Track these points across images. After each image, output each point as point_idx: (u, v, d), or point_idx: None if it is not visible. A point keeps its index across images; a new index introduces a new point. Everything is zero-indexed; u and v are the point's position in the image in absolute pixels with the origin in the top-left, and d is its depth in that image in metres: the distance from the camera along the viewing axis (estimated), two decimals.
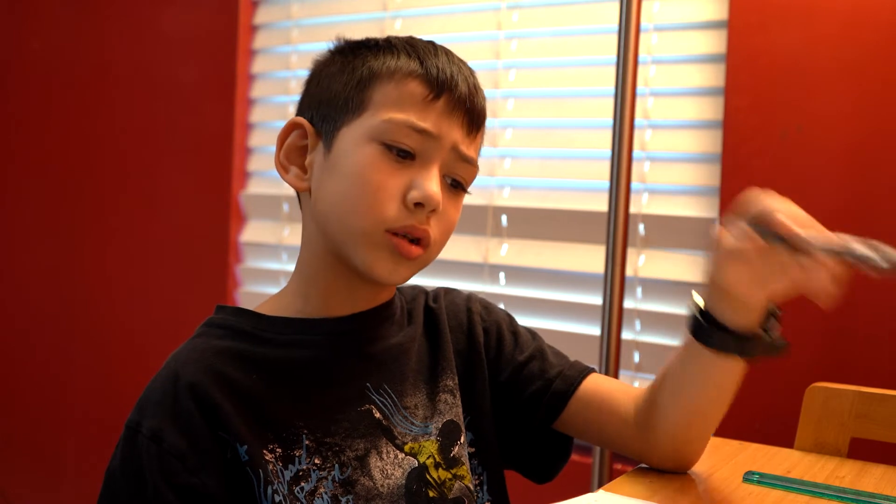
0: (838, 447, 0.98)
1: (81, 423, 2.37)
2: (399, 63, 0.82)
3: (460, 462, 0.85)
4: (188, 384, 0.75)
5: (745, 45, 1.46)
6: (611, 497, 0.79)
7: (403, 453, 0.82)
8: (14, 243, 2.53)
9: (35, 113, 2.48)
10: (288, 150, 0.85)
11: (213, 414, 0.75)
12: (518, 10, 1.76)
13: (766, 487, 0.84)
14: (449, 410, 0.87)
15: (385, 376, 0.84)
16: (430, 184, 0.79)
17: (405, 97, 0.80)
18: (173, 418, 0.74)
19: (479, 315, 0.95)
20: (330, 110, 0.83)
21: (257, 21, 2.11)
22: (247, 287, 2.11)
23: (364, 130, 0.80)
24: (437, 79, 0.81)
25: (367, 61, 0.83)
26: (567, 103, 1.71)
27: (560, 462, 0.95)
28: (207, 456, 0.74)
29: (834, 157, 1.39)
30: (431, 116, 0.80)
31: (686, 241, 1.56)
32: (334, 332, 0.83)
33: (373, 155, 0.79)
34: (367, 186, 0.78)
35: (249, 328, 0.82)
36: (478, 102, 0.84)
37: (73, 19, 2.40)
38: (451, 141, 0.81)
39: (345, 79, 0.83)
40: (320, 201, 0.82)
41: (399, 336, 0.88)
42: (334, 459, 0.78)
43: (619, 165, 1.35)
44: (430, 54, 0.83)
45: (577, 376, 0.91)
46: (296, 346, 0.82)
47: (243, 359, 0.79)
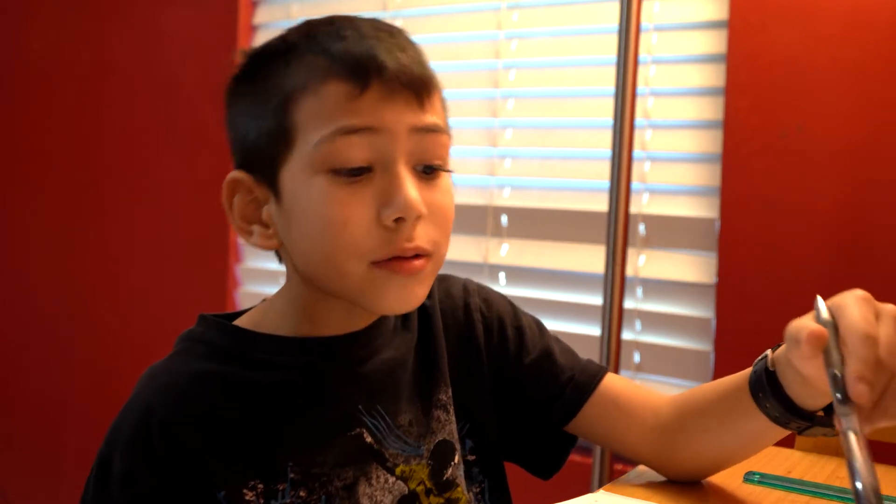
0: (839, 447, 0.98)
1: (81, 423, 2.36)
2: (307, 67, 0.70)
3: (454, 484, 0.80)
4: (162, 421, 0.69)
5: (745, 45, 1.46)
6: (611, 497, 0.79)
7: (394, 477, 0.76)
8: (14, 243, 2.53)
9: (35, 113, 2.48)
10: (240, 210, 0.74)
11: (187, 457, 0.69)
12: (518, 10, 1.76)
13: (767, 487, 0.84)
14: (442, 429, 0.80)
15: (378, 396, 0.77)
16: (402, 192, 0.68)
17: (328, 104, 0.68)
18: (146, 460, 0.69)
19: (479, 311, 0.87)
20: (259, 154, 0.72)
21: (257, 21, 2.11)
22: (247, 287, 2.10)
23: (303, 164, 0.69)
24: (356, 66, 0.68)
25: (273, 81, 0.71)
26: (567, 103, 1.71)
27: (564, 457, 0.90)
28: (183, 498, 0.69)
29: (834, 157, 1.39)
30: (366, 110, 0.68)
31: (686, 241, 1.56)
32: (327, 354, 0.76)
33: (324, 189, 0.68)
34: (332, 226, 0.68)
35: (233, 347, 0.75)
36: (414, 68, 0.70)
37: (73, 19, 2.39)
38: (402, 125, 0.69)
39: (259, 112, 0.72)
40: (295, 255, 0.73)
41: (394, 347, 0.80)
42: (321, 491, 0.72)
43: (619, 165, 1.35)
44: (335, 40, 0.70)
45: (589, 382, 0.85)
46: (283, 368, 0.74)
47: (224, 384, 0.73)
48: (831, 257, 1.39)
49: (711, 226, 1.53)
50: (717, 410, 0.79)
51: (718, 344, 1.49)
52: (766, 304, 1.43)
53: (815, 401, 0.71)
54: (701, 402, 0.81)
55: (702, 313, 1.54)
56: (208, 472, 0.69)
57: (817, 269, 1.40)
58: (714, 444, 0.80)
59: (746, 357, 0.80)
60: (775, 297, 1.42)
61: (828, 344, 0.62)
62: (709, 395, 0.81)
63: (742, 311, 1.46)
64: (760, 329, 1.42)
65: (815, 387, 0.67)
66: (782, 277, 1.43)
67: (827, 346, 0.62)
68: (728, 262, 1.48)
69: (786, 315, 0.82)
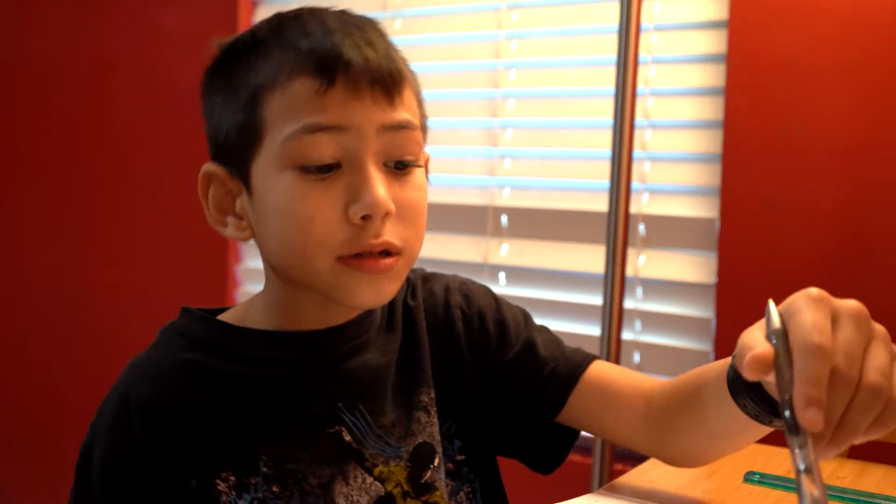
0: None
1: (81, 423, 2.35)
2: (274, 63, 0.69)
3: (433, 487, 0.78)
4: (140, 406, 0.70)
5: (745, 45, 1.46)
6: (611, 497, 0.79)
7: (372, 477, 0.75)
8: (14, 243, 2.53)
9: (35, 113, 2.48)
10: (214, 202, 0.75)
11: (165, 442, 0.70)
12: (518, 10, 1.76)
13: (767, 487, 0.84)
14: (422, 431, 0.79)
15: (361, 395, 0.76)
16: (370, 189, 0.67)
17: (295, 101, 0.68)
18: (124, 447, 0.70)
19: (459, 308, 0.85)
20: (231, 147, 0.72)
21: (257, 21, 2.11)
22: (247, 287, 2.10)
23: (271, 159, 0.69)
24: (322, 62, 0.67)
25: (242, 76, 0.71)
26: (567, 103, 1.71)
27: (564, 452, 0.87)
28: (162, 485, 0.70)
29: (834, 157, 1.40)
30: (333, 108, 0.67)
31: (686, 241, 1.56)
32: (307, 348, 0.75)
33: (291, 185, 0.68)
34: (300, 222, 0.68)
35: (215, 340, 0.75)
36: (382, 63, 0.69)
37: (73, 19, 2.39)
38: (371, 123, 0.68)
39: (230, 107, 0.72)
40: (265, 248, 0.74)
41: (379, 347, 0.79)
42: (295, 487, 0.71)
43: (619, 165, 1.35)
44: (301, 35, 0.69)
45: (572, 373, 0.82)
46: (264, 362, 0.74)
47: (205, 374, 0.73)
48: (831, 257, 1.39)
49: (711, 226, 1.53)
50: (704, 403, 0.74)
51: (718, 344, 1.49)
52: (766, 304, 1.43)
53: None
54: (688, 392, 0.77)
55: (702, 313, 1.54)
56: (184, 459, 0.70)
57: (817, 269, 1.40)
58: (704, 436, 0.77)
59: None
60: (775, 297, 1.42)
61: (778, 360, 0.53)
62: (696, 383, 0.76)
63: (742, 311, 1.46)
64: None
65: None
66: (782, 277, 1.43)
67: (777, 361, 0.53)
68: (728, 262, 1.48)
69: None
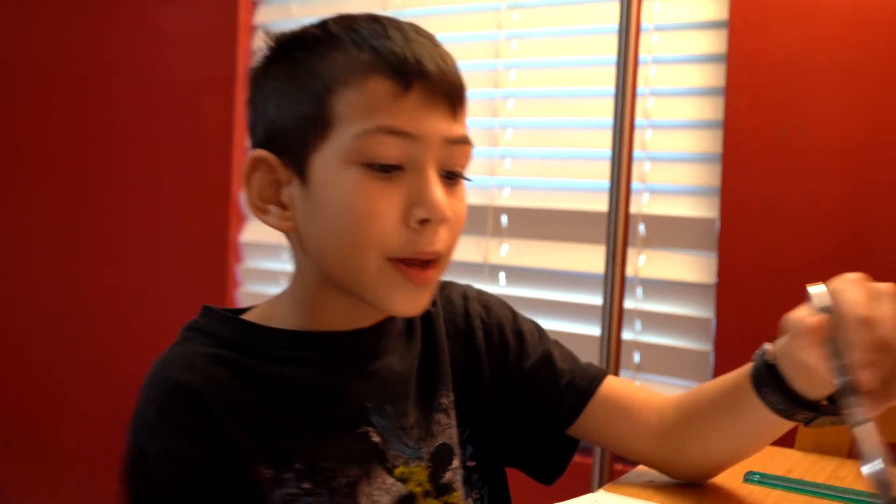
0: (839, 447, 0.98)
1: (81, 423, 2.36)
2: (350, 59, 0.70)
3: (451, 488, 0.79)
4: (184, 395, 0.69)
5: (745, 45, 1.46)
6: (611, 497, 0.79)
7: (393, 478, 0.75)
8: (14, 243, 2.53)
9: (35, 113, 2.48)
10: (259, 189, 0.74)
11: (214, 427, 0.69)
12: (518, 10, 1.76)
13: (767, 487, 0.84)
14: (442, 433, 0.80)
15: (386, 396, 0.77)
16: (431, 193, 0.70)
17: (370, 100, 0.69)
18: (180, 432, 0.69)
19: (479, 317, 0.87)
20: (290, 136, 0.72)
21: (257, 21, 2.11)
22: (247, 287, 2.10)
23: (337, 153, 0.70)
24: (402, 66, 0.69)
25: (312, 67, 0.72)
26: (567, 103, 1.71)
27: (566, 462, 0.90)
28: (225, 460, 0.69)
29: (834, 157, 1.39)
30: (406, 113, 0.69)
31: (686, 241, 1.56)
32: (334, 349, 0.76)
33: (355, 181, 0.69)
34: (359, 218, 0.69)
35: (239, 339, 0.75)
36: (454, 77, 0.73)
37: (73, 19, 2.39)
38: (437, 135, 0.71)
39: (295, 96, 0.72)
40: (311, 241, 0.74)
41: (401, 352, 0.80)
42: (325, 485, 0.72)
43: (619, 165, 1.35)
44: (380, 37, 0.71)
45: (588, 386, 0.85)
46: (291, 362, 0.74)
47: (237, 369, 0.72)
48: (831, 257, 1.38)
49: (711, 226, 1.53)
50: (722, 407, 0.79)
51: (718, 344, 1.49)
52: (766, 304, 1.43)
53: (819, 390, 0.70)
54: (705, 400, 0.81)
55: (702, 313, 1.54)
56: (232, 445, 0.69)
57: (817, 270, 1.39)
58: (720, 441, 0.80)
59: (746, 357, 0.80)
60: (775, 297, 1.42)
61: (831, 331, 0.62)
62: (712, 392, 0.81)
63: (742, 311, 1.46)
64: (760, 329, 1.41)
65: (818, 376, 0.66)
66: (782, 277, 1.43)
67: (831, 332, 0.62)
68: (728, 262, 1.48)
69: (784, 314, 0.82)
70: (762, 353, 0.74)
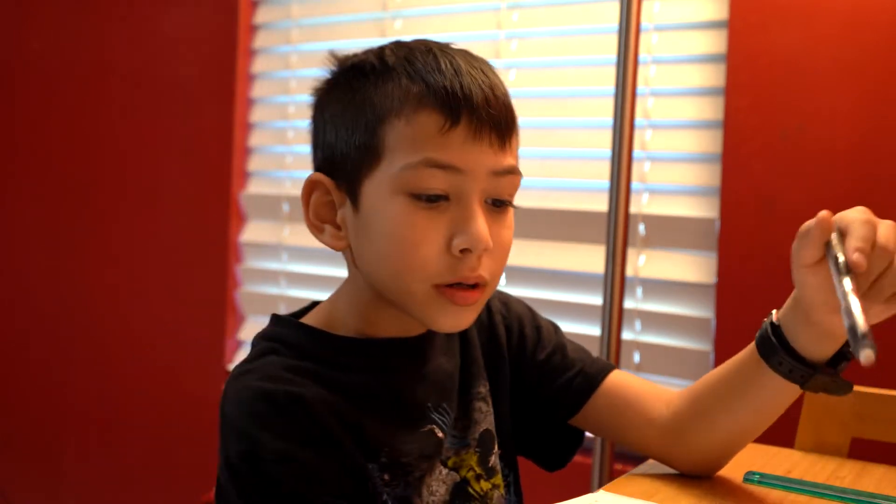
0: (839, 447, 0.98)
1: (81, 423, 2.36)
2: (402, 91, 0.73)
3: (496, 471, 0.84)
4: (288, 397, 0.71)
5: (745, 45, 1.46)
6: (611, 497, 0.79)
7: (447, 468, 0.80)
8: (14, 243, 2.53)
9: (35, 113, 2.48)
10: (315, 208, 0.78)
11: (322, 423, 0.71)
12: (518, 10, 1.76)
13: (767, 487, 0.84)
14: (484, 419, 0.85)
15: (441, 394, 0.82)
16: (474, 225, 0.72)
17: (419, 133, 0.72)
18: (293, 434, 0.70)
19: (500, 313, 0.92)
20: (345, 162, 0.76)
21: (257, 21, 2.11)
22: (247, 287, 2.10)
23: (386, 183, 0.73)
24: (450, 101, 0.72)
25: (368, 96, 0.75)
26: (567, 103, 1.71)
27: (572, 451, 0.94)
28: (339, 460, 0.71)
29: (834, 157, 1.39)
30: (453, 147, 0.72)
31: (686, 241, 1.56)
32: (391, 356, 0.80)
33: (402, 210, 0.72)
34: (404, 246, 0.73)
35: (312, 346, 0.78)
36: (503, 109, 0.76)
37: (73, 19, 2.39)
38: (484, 168, 0.73)
39: (351, 124, 0.75)
40: (362, 262, 0.77)
41: (446, 350, 0.85)
42: (402, 478, 0.76)
43: (619, 165, 1.35)
44: (433, 70, 0.74)
45: (597, 374, 0.90)
46: (356, 369, 0.78)
47: (318, 377, 0.75)
48: None
49: (711, 226, 1.53)
50: (729, 384, 0.82)
51: (718, 344, 1.49)
52: (766, 304, 1.41)
53: (820, 349, 0.75)
54: (712, 384, 0.85)
55: (702, 313, 1.54)
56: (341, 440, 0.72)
57: None
58: (730, 418, 0.83)
59: None
60: (775, 297, 1.41)
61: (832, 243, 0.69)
62: (718, 375, 0.84)
63: (742, 311, 1.46)
64: None
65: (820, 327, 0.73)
66: (782, 277, 1.42)
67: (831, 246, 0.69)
68: (728, 262, 1.48)
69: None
70: (768, 319, 0.79)
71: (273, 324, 0.82)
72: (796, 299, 0.76)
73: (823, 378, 0.75)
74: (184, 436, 2.11)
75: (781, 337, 0.76)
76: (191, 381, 2.13)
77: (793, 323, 0.76)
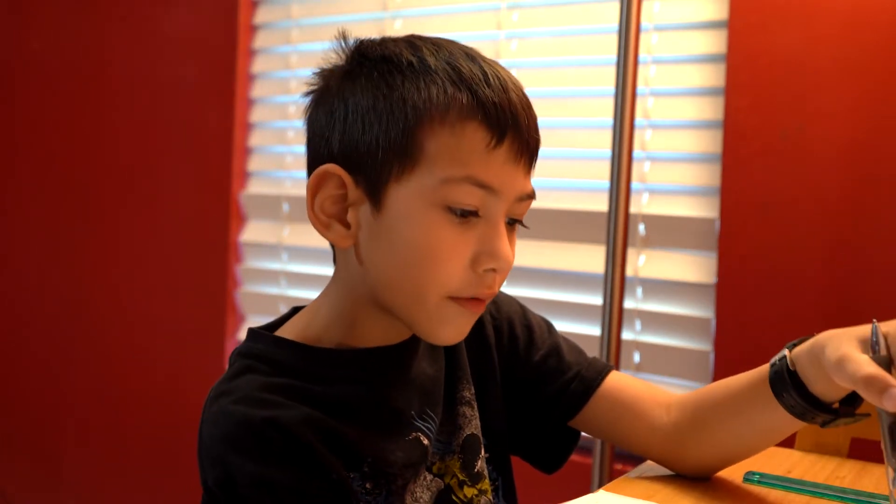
0: (839, 447, 0.98)
1: (82, 422, 2.36)
2: (448, 98, 0.70)
3: (483, 476, 0.83)
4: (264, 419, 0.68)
5: (745, 45, 1.46)
6: (611, 497, 0.79)
7: (432, 474, 0.79)
8: (14, 243, 2.53)
9: (35, 113, 2.48)
10: (322, 202, 0.73)
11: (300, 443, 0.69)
12: (518, 10, 1.76)
13: (767, 487, 0.84)
14: (468, 424, 0.83)
15: (425, 401, 0.80)
16: (502, 246, 0.72)
17: (464, 146, 0.70)
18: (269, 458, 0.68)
19: (489, 313, 0.90)
20: (369, 160, 0.71)
21: (257, 21, 2.11)
22: (247, 287, 2.10)
23: (421, 192, 0.70)
24: (498, 119, 0.70)
25: (407, 95, 0.70)
26: (567, 103, 1.71)
27: (569, 452, 0.93)
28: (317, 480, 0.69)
29: (834, 157, 1.39)
30: (495, 168, 0.71)
31: (686, 241, 1.56)
32: (376, 365, 0.77)
33: (436, 222, 0.70)
34: (433, 259, 0.70)
35: (292, 362, 0.75)
36: (537, 133, 0.75)
37: (73, 19, 2.40)
38: (515, 191, 0.73)
39: (383, 120, 0.70)
40: (372, 267, 0.74)
41: (431, 354, 0.83)
42: (385, 487, 0.74)
43: (619, 165, 1.35)
44: (480, 81, 0.71)
45: (595, 378, 0.88)
46: (342, 382, 0.75)
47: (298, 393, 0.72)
48: (831, 257, 1.39)
49: (711, 226, 1.53)
50: (735, 408, 0.81)
51: (718, 344, 1.49)
52: (766, 304, 1.43)
53: (837, 394, 0.73)
54: (717, 399, 0.84)
55: (702, 313, 1.54)
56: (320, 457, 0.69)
57: (817, 270, 1.40)
58: (728, 439, 0.83)
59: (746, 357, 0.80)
60: (775, 297, 1.42)
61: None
62: (725, 391, 0.83)
63: (742, 311, 1.46)
64: (760, 329, 1.42)
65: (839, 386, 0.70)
66: (782, 277, 1.43)
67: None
68: (728, 262, 1.48)
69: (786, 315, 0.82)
70: (782, 358, 0.76)
71: (249, 339, 0.78)
72: (816, 354, 0.72)
73: (845, 419, 0.74)
74: (183, 436, 2.11)
75: (796, 378, 0.74)
76: (191, 381, 2.13)
77: (810, 369, 0.73)
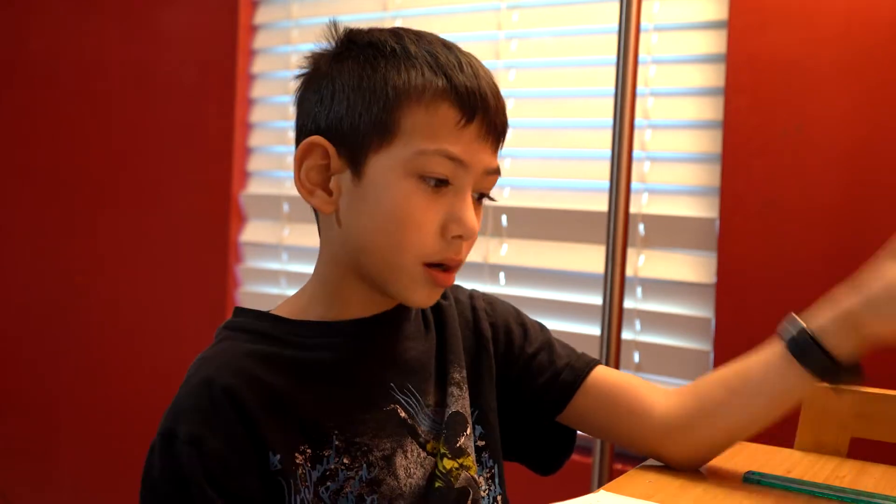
0: (838, 447, 0.98)
1: (81, 423, 2.36)
2: (425, 81, 0.78)
3: (466, 453, 0.85)
4: (223, 388, 0.75)
5: (745, 45, 1.46)
6: (611, 497, 0.79)
7: (426, 452, 0.82)
8: (13, 243, 2.53)
9: (34, 113, 2.48)
10: (307, 170, 0.81)
11: (248, 419, 0.74)
12: (518, 10, 1.76)
13: (767, 487, 0.84)
14: (455, 402, 0.87)
15: (408, 376, 0.84)
16: (468, 214, 0.79)
17: (437, 123, 0.78)
18: (211, 423, 0.74)
19: (484, 311, 0.95)
20: (353, 133, 0.79)
21: (257, 21, 2.11)
22: (247, 287, 2.11)
23: (398, 162, 0.78)
24: (469, 100, 0.78)
25: (388, 77, 0.79)
26: (567, 103, 1.71)
27: (564, 455, 0.96)
28: (247, 460, 0.74)
29: (834, 157, 1.40)
30: (464, 142, 0.78)
31: (686, 241, 1.56)
32: (357, 335, 0.83)
33: (410, 190, 0.78)
34: (407, 224, 0.77)
35: (273, 332, 0.82)
36: (504, 116, 0.82)
37: (72, 19, 2.40)
38: (482, 165, 0.80)
39: (366, 98, 0.79)
40: (351, 231, 0.81)
41: (418, 335, 0.88)
42: (362, 459, 0.78)
43: (619, 165, 1.36)
44: (454, 67, 0.79)
45: (584, 367, 0.92)
46: (320, 348, 0.81)
47: (272, 361, 0.79)
48: (831, 257, 1.39)
49: (711, 226, 1.53)
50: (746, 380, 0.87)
51: (718, 344, 1.49)
52: (766, 303, 1.43)
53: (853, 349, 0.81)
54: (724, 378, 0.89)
55: (701, 313, 1.54)
56: (265, 436, 0.75)
57: (817, 269, 1.40)
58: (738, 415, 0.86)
59: None
60: (775, 297, 1.42)
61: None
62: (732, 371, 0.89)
63: (742, 311, 1.46)
64: (760, 329, 1.41)
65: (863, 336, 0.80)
66: (782, 277, 1.43)
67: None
68: (728, 262, 1.48)
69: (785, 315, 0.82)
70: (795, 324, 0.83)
71: (235, 315, 0.86)
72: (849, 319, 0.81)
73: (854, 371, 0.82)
74: None
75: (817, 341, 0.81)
76: None
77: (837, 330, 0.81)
